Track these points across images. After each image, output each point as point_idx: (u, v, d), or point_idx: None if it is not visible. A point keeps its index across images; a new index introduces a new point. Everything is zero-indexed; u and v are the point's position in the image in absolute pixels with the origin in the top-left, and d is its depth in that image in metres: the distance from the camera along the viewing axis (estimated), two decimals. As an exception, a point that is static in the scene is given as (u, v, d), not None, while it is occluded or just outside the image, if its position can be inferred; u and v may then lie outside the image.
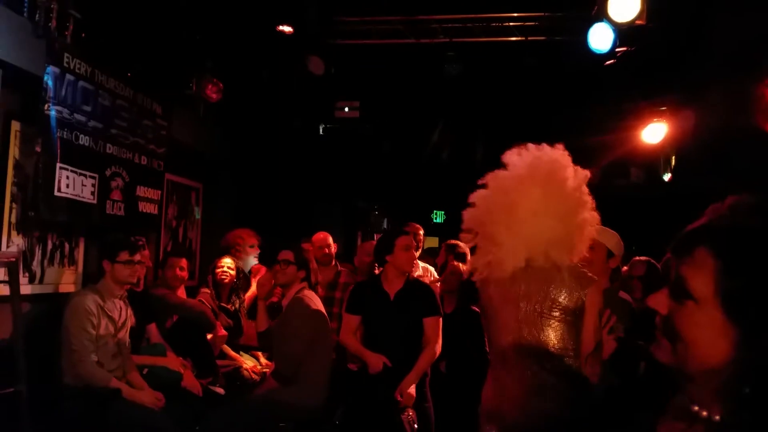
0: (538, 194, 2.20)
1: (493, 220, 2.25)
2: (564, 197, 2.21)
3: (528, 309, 2.22)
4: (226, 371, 4.38)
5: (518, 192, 2.22)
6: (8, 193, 3.45)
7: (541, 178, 2.22)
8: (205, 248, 5.86)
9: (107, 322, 3.44)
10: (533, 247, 2.20)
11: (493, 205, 2.27)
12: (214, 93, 5.28)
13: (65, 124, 3.58)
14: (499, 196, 2.26)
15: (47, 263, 3.77)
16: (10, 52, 3.34)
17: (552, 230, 2.17)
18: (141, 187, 4.38)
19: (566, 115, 6.05)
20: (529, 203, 2.20)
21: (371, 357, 3.45)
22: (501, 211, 2.24)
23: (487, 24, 5.52)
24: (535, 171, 2.23)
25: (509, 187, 2.25)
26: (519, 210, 2.21)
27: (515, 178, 2.25)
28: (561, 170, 2.23)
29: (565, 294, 2.20)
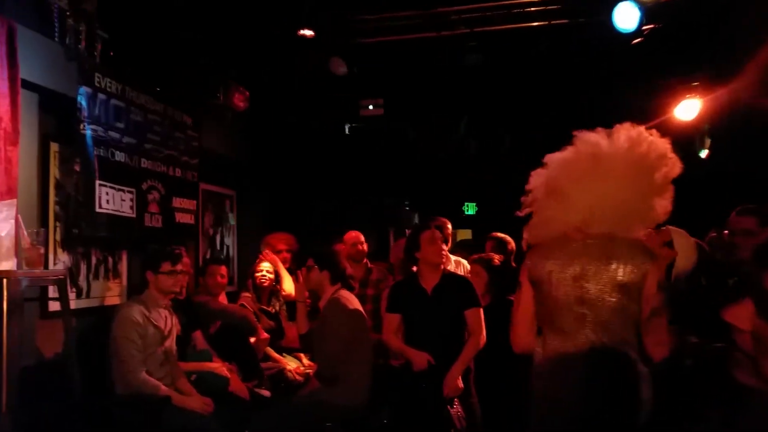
0: (626, 164, 2.16)
1: (564, 176, 2.20)
2: (650, 179, 2.15)
3: (588, 288, 2.12)
4: (271, 374, 4.46)
5: (607, 158, 2.16)
6: (51, 213, 3.57)
7: (639, 153, 2.18)
8: (241, 254, 5.96)
9: (154, 332, 3.53)
10: (596, 207, 2.13)
11: (572, 165, 2.21)
12: (241, 101, 5.36)
13: (101, 141, 3.68)
14: (584, 159, 2.20)
15: (92, 277, 3.89)
16: (44, 76, 3.45)
17: (622, 199, 2.13)
18: (177, 199, 4.49)
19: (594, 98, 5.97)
20: (613, 167, 2.15)
21: (415, 355, 3.47)
22: (577, 170, 2.18)
23: (508, 11, 5.46)
24: (635, 145, 2.18)
25: (599, 152, 2.18)
26: (597, 170, 2.15)
27: (610, 146, 2.19)
28: (657, 156, 2.19)
29: (625, 270, 2.10)
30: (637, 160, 2.15)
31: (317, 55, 5.52)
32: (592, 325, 2.12)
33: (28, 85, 3.31)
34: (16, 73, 3.14)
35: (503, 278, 3.86)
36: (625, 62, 5.58)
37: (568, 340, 2.15)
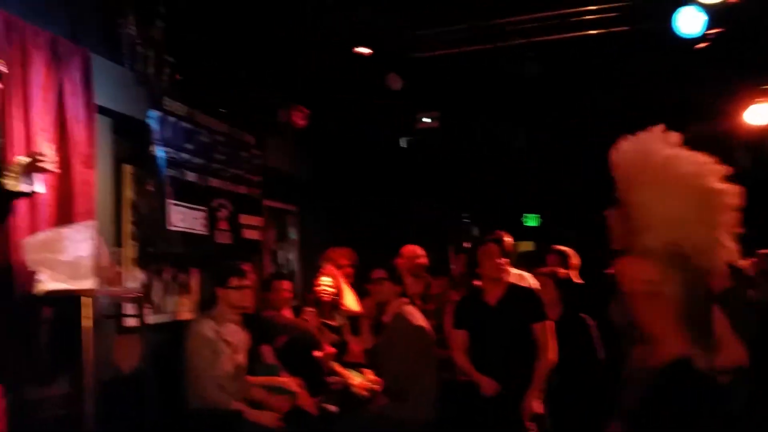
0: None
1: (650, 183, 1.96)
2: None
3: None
4: (336, 388, 4.48)
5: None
6: (126, 232, 3.72)
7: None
8: (304, 269, 6.04)
9: (225, 347, 3.61)
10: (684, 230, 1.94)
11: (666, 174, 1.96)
12: (301, 119, 5.48)
13: (172, 162, 3.83)
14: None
15: (166, 294, 4.02)
16: (116, 102, 3.61)
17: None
18: (243, 216, 4.61)
19: (659, 105, 5.81)
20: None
21: (483, 380, 3.44)
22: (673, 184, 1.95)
23: (565, 20, 5.40)
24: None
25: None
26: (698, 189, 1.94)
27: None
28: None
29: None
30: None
31: (373, 71, 5.59)
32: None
33: (102, 111, 3.46)
34: (92, 100, 3.30)
35: (572, 292, 3.79)
36: (690, 68, 5.43)
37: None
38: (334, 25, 4.95)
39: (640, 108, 5.97)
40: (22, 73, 2.84)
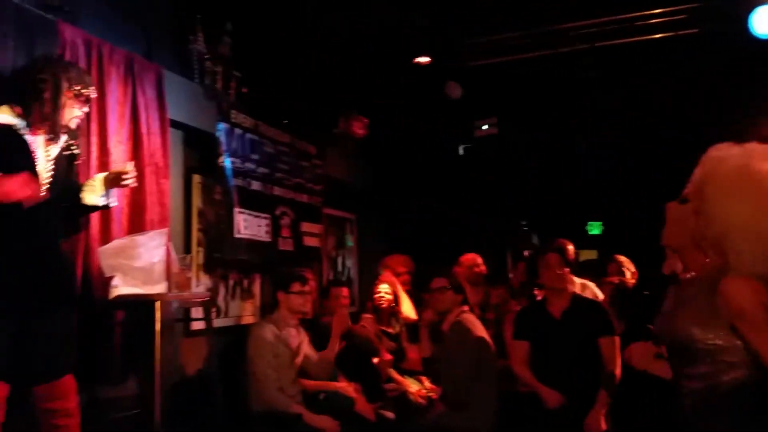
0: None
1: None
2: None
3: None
4: (394, 395, 4.52)
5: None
6: (195, 239, 3.89)
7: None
8: (362, 276, 6.13)
9: (285, 350, 3.71)
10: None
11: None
12: (360, 129, 5.58)
13: (238, 172, 3.98)
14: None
15: (230, 298, 4.17)
16: (188, 115, 3.79)
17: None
18: (304, 223, 4.74)
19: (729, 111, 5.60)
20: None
21: (546, 392, 3.38)
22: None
23: (630, 24, 5.28)
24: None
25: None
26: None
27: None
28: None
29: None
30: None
31: (432, 80, 5.62)
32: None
33: (174, 124, 3.64)
34: (165, 114, 3.48)
35: (637, 303, 3.69)
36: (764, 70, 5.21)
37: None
38: (393, 35, 5.02)
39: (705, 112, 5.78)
40: (100, 89, 3.01)
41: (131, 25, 3.53)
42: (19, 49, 2.64)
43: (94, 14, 3.22)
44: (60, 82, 2.46)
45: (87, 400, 2.86)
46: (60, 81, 2.46)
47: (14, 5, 2.65)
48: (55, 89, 2.44)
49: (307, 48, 4.69)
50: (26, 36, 2.68)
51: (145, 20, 3.65)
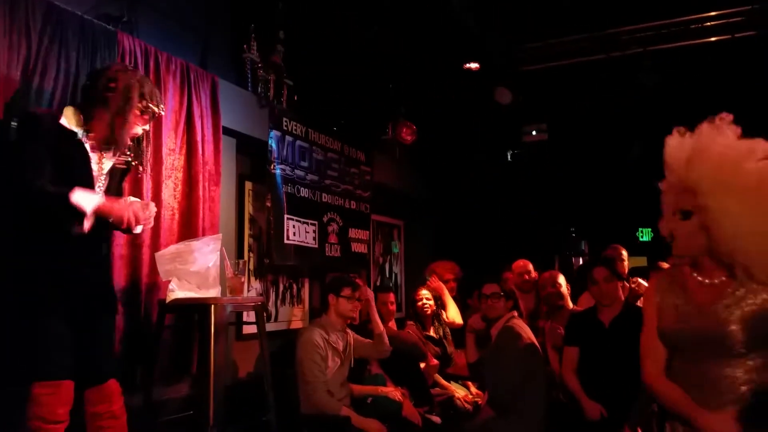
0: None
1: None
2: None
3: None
4: (440, 400, 4.51)
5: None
6: (246, 245, 3.97)
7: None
8: (409, 281, 6.13)
9: (333, 354, 3.75)
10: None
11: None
12: (409, 135, 5.59)
13: (288, 179, 4.04)
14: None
15: (280, 303, 4.24)
16: (241, 123, 3.87)
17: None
18: (352, 229, 4.77)
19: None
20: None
21: (588, 404, 3.35)
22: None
23: (685, 27, 5.15)
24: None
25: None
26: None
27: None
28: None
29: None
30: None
31: (482, 86, 5.60)
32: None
33: (227, 131, 3.72)
34: (219, 122, 3.56)
35: None
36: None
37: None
38: (444, 41, 5.02)
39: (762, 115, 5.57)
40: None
41: (187, 34, 3.64)
42: (82, 58, 2.76)
43: (152, 25, 3.34)
44: (131, 94, 2.40)
45: (142, 401, 2.95)
46: (131, 93, 2.39)
47: (78, 17, 2.77)
48: (125, 100, 2.38)
49: (356, 55, 4.74)
50: (88, 46, 2.79)
51: (201, 30, 3.76)
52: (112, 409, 2.44)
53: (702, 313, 1.88)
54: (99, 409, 2.41)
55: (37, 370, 2.22)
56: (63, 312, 2.29)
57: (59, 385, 2.23)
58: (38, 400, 2.19)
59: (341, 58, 4.62)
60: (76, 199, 2.22)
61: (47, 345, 2.23)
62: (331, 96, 4.73)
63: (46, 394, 2.21)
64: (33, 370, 2.22)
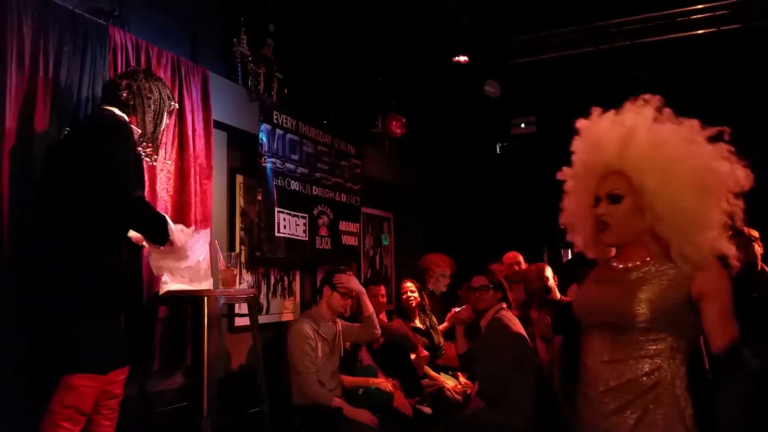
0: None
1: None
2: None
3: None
4: (431, 391, 4.56)
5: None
6: (237, 237, 3.98)
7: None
8: (399, 274, 6.17)
9: (322, 344, 3.78)
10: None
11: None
12: (399, 128, 5.62)
13: (279, 173, 4.06)
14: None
15: (271, 296, 4.27)
16: (232, 117, 3.88)
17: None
18: (343, 222, 4.80)
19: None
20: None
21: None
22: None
23: (672, 20, 5.21)
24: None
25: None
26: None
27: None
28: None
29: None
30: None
31: (471, 79, 5.63)
32: None
33: (218, 125, 3.72)
34: (209, 115, 3.57)
35: None
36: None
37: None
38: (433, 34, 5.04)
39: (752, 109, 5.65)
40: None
41: (178, 28, 3.64)
42: (73, 53, 2.76)
43: (143, 18, 3.33)
44: (163, 97, 2.65)
45: (136, 393, 2.98)
46: (163, 96, 2.65)
47: (69, 11, 2.77)
48: (160, 104, 2.64)
49: (346, 48, 4.76)
50: (79, 40, 2.79)
51: (191, 24, 3.76)
52: (120, 392, 2.51)
53: (612, 293, 1.80)
54: (117, 390, 2.49)
55: (86, 362, 2.30)
56: (113, 307, 2.42)
57: (99, 380, 2.33)
58: (79, 390, 2.27)
59: (331, 51, 4.63)
60: (171, 226, 2.57)
61: (98, 339, 2.33)
62: (321, 89, 4.74)
63: (87, 386, 2.29)
64: (81, 361, 2.29)
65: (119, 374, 2.50)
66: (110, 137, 2.41)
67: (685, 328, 1.73)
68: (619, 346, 1.75)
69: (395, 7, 4.54)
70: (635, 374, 1.71)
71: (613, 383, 1.74)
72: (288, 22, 4.18)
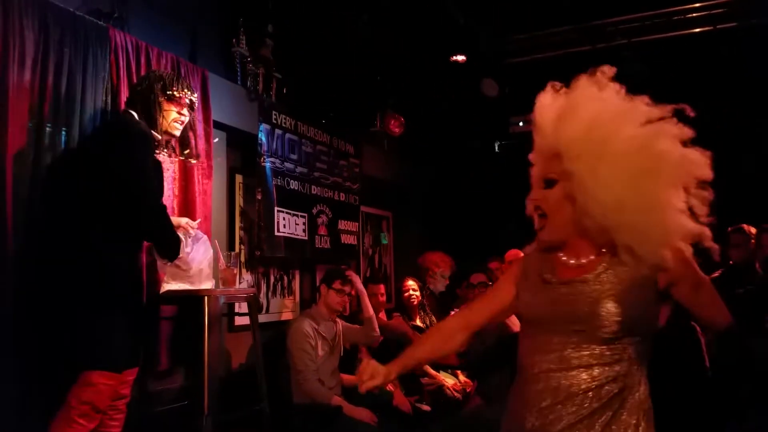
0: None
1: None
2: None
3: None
4: (430, 389, 4.59)
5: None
6: (237, 237, 4.00)
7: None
8: (398, 272, 6.19)
9: (322, 343, 3.81)
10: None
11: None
12: (397, 127, 5.64)
13: (278, 172, 4.08)
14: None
15: (271, 295, 4.29)
16: (231, 117, 3.89)
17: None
18: (342, 221, 4.82)
19: None
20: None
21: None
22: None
23: (668, 18, 5.24)
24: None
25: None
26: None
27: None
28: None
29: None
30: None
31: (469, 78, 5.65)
32: None
33: (217, 125, 3.74)
34: (209, 115, 3.58)
35: None
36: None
37: None
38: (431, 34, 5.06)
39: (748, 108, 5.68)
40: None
41: (177, 29, 3.66)
42: (74, 54, 2.78)
43: (143, 20, 3.35)
44: (153, 89, 2.67)
45: (137, 392, 2.99)
46: (153, 88, 2.67)
47: (70, 13, 2.79)
48: (152, 96, 2.66)
49: (344, 48, 4.77)
50: (80, 41, 2.81)
51: (190, 24, 3.77)
52: (128, 392, 2.55)
53: (570, 299, 1.55)
54: (126, 391, 2.55)
55: (107, 359, 2.35)
56: (131, 306, 2.48)
57: (116, 378, 2.37)
58: (97, 387, 2.31)
59: (329, 51, 4.65)
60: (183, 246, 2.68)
61: (118, 338, 2.38)
62: (319, 89, 4.75)
63: (105, 384, 2.34)
64: (101, 358, 2.34)
65: (130, 374, 2.54)
66: (130, 139, 2.46)
67: (650, 329, 1.55)
68: (576, 353, 1.52)
69: (393, 7, 4.56)
70: (598, 382, 1.49)
71: (564, 394, 1.51)
72: (287, 22, 4.19)
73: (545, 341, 1.58)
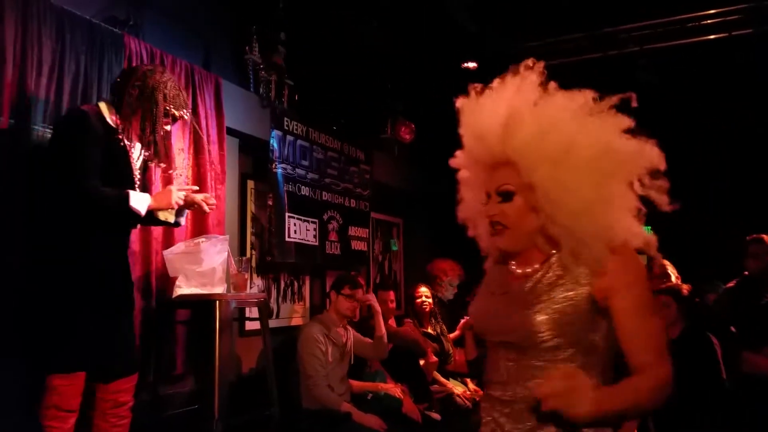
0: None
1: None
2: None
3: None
4: (440, 397, 4.58)
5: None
6: (248, 242, 4.03)
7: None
8: (408, 279, 6.19)
9: (333, 349, 3.81)
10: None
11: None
12: (407, 134, 5.65)
13: (289, 178, 4.11)
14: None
15: (281, 300, 4.31)
16: (244, 123, 3.93)
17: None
18: (352, 227, 4.84)
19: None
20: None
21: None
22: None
23: (682, 25, 5.21)
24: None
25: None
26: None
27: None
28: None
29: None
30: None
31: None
32: None
33: (230, 131, 3.77)
34: (223, 122, 3.62)
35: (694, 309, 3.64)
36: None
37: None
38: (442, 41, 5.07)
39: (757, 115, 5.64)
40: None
41: (191, 37, 3.70)
42: (90, 61, 2.82)
43: (157, 27, 3.39)
44: (155, 96, 2.49)
45: (148, 396, 3.02)
46: (155, 95, 2.50)
47: (87, 21, 2.84)
48: (151, 102, 2.49)
49: (355, 55, 4.80)
50: (96, 48, 2.86)
51: (204, 32, 3.82)
52: (128, 399, 2.53)
53: (506, 309, 1.49)
54: (123, 398, 2.50)
55: (59, 362, 2.31)
56: (96, 305, 2.38)
57: (77, 377, 2.33)
58: (57, 390, 2.29)
59: (341, 58, 4.67)
60: (134, 203, 2.38)
61: (71, 338, 2.32)
62: (330, 96, 4.78)
63: (64, 385, 2.30)
64: (55, 361, 2.31)
65: (124, 383, 2.50)
66: (69, 130, 2.40)
67: (594, 343, 1.42)
68: (523, 366, 1.44)
69: (404, 14, 4.58)
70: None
71: (508, 409, 1.44)
72: (299, 30, 4.22)
73: (493, 353, 1.53)
